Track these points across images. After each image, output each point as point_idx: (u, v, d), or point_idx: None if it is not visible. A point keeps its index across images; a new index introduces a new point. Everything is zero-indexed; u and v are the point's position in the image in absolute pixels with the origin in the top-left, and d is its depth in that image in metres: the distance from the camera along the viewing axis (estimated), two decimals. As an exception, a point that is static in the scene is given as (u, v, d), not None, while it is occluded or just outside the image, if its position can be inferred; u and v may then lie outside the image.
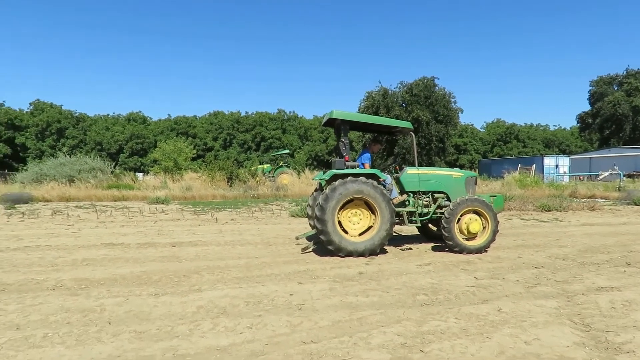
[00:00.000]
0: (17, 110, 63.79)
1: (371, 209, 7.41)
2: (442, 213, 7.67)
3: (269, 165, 30.72)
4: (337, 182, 7.23)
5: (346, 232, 7.38)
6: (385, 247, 7.87)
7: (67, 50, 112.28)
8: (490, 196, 8.35)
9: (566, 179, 36.00)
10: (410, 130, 8.18)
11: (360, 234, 7.44)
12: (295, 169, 37.27)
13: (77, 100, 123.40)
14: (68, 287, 5.46)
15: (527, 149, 70.19)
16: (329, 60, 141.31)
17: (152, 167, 36.97)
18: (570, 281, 5.80)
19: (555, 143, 74.53)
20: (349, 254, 7.19)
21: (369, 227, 7.46)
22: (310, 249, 7.88)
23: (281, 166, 29.38)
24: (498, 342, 3.73)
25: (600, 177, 34.74)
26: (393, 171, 8.57)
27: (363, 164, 8.13)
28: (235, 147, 65.27)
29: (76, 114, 66.22)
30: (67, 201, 19.04)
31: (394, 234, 8.94)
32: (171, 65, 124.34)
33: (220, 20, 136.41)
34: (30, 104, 65.58)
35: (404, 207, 7.92)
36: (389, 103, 38.39)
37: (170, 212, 14.49)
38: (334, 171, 7.48)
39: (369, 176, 7.53)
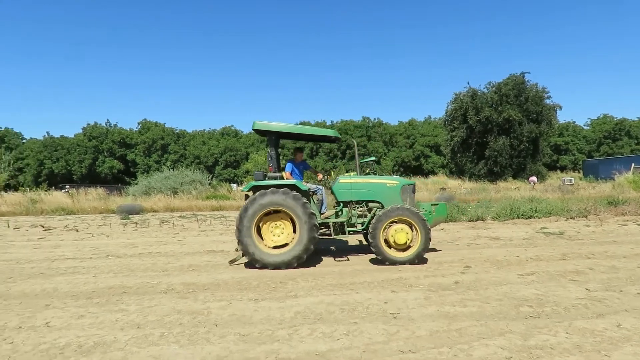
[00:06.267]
0: (128, 129, 70.91)
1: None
2: None
3: (355, 173, 30.86)
4: (252, 195, 7.18)
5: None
6: (477, 256, 7.51)
7: (166, 72, 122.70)
8: (432, 204, 8.01)
9: (692, 178, 31.64)
10: (336, 138, 7.95)
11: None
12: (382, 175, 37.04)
13: (177, 118, 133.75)
14: (178, 290, 5.94)
15: (642, 146, 62.84)
16: (414, 63, 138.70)
17: (245, 177, 38.99)
18: None
19: (676, 138, 65.83)
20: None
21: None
22: (238, 260, 7.76)
23: (368, 173, 29.24)
24: (619, 361, 3.38)
25: None
26: (328, 180, 8.25)
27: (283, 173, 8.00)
28: (322, 155, 66.41)
29: (177, 131, 71.91)
30: (171, 211, 20.71)
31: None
32: (258, 79, 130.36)
33: (303, 30, 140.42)
34: (138, 123, 72.57)
35: (337, 218, 7.68)
36: (477, 104, 36.79)
37: (263, 221, 15.10)
38: (253, 183, 7.37)
39: (288, 187, 7.29)
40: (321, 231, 7.75)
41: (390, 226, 7.15)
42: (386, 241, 7.17)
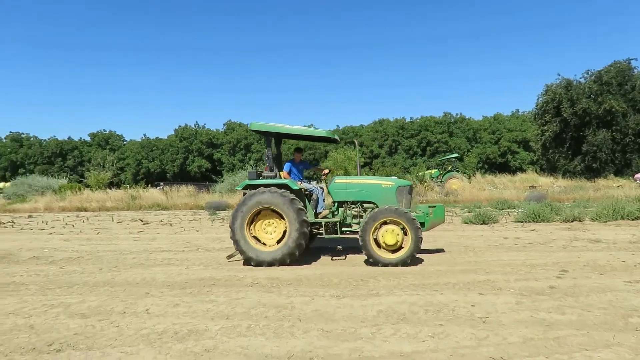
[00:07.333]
0: (215, 130, 75.08)
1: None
2: None
3: (436, 170, 29.91)
4: (244, 195, 7.40)
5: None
6: (575, 259, 6.92)
7: (250, 74, 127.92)
8: (429, 207, 7.74)
9: None
10: (333, 139, 8.00)
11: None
12: (465, 173, 35.54)
13: (259, 118, 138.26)
14: (263, 284, 6.14)
15: None
16: (500, 55, 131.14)
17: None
18: None
19: None
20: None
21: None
22: (236, 256, 7.87)
23: (450, 171, 28.24)
24: None
25: None
26: (326, 180, 8.08)
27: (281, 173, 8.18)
28: (401, 153, 65.39)
29: (260, 131, 74.74)
30: (255, 208, 21.50)
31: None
32: (338, 77, 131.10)
33: (382, 27, 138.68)
34: (223, 124, 76.54)
35: (332, 218, 7.77)
36: (573, 95, 33.84)
37: (342, 218, 15.19)
38: (246, 182, 7.61)
39: (280, 186, 7.37)
40: (315, 231, 7.83)
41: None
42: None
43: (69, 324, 4.62)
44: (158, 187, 36.85)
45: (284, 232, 7.33)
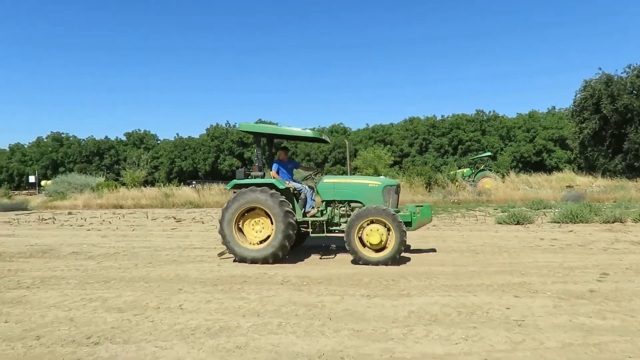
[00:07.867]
0: (245, 129, 76.07)
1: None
2: None
3: (468, 169, 29.28)
4: (233, 193, 7.62)
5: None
6: (616, 262, 6.63)
7: (277, 73, 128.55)
8: (416, 206, 7.81)
9: None
10: (322, 140, 8.23)
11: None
12: (498, 172, 34.68)
13: (288, 117, 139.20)
14: (293, 282, 6.17)
15: None
16: (534, 50, 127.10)
17: (353, 174, 39.37)
18: None
19: None
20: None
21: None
22: (226, 253, 7.97)
23: (482, 170, 27.59)
24: None
25: None
26: (315, 180, 8.21)
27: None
28: (432, 151, 64.40)
29: (288, 130, 75.14)
30: (284, 206, 21.66)
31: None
32: (367, 76, 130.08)
33: (382, 27, 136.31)
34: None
35: (321, 217, 7.85)
36: (614, 91, 32.44)
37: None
38: (235, 181, 7.81)
39: (266, 185, 7.51)
40: (303, 229, 7.89)
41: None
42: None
43: (106, 318, 4.77)
44: (190, 186, 37.53)
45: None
